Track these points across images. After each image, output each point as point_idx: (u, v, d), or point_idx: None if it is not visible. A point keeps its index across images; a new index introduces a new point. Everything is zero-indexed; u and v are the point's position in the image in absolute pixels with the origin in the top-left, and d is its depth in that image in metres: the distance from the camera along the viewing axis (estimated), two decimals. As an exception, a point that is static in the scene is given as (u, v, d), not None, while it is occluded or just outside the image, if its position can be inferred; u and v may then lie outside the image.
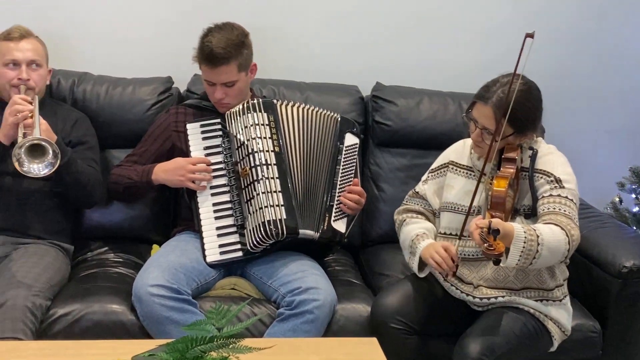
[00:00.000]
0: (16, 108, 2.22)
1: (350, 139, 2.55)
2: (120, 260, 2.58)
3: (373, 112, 2.93)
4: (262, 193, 2.32)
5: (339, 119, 2.55)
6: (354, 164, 2.54)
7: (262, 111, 2.40)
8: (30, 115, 2.23)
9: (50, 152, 2.14)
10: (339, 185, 2.46)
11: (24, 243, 2.37)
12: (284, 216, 2.30)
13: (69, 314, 2.19)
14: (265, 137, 2.38)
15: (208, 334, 1.44)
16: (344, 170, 2.49)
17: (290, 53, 3.03)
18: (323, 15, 3.02)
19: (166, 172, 2.44)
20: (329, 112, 2.53)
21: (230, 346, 1.45)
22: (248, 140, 2.37)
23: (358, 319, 2.33)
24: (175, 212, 2.69)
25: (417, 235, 2.28)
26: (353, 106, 2.90)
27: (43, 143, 2.13)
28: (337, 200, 2.44)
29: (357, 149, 2.57)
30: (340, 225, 2.45)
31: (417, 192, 2.43)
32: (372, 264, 2.76)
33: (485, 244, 1.87)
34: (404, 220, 2.38)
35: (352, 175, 2.52)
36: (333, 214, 2.43)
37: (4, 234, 2.37)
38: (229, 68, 2.38)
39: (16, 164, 2.11)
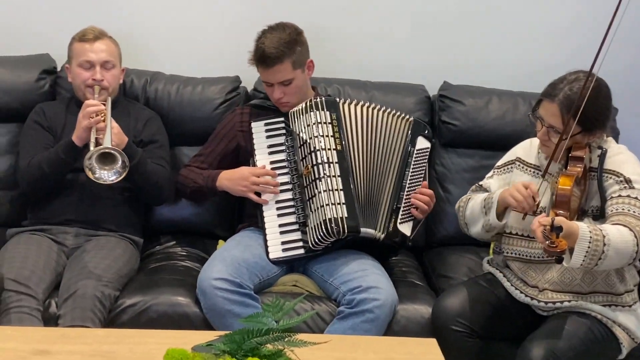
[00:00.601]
0: (89, 111, 2.31)
1: (422, 143, 2.52)
2: (187, 254, 2.64)
3: (440, 111, 2.90)
4: (324, 191, 2.32)
5: (412, 121, 2.52)
6: (424, 167, 2.53)
7: (325, 109, 2.41)
8: (102, 118, 2.30)
9: (120, 161, 2.22)
10: (407, 188, 2.44)
11: (96, 235, 2.46)
12: (345, 214, 2.30)
13: (136, 305, 2.26)
14: (327, 136, 2.38)
15: (264, 327, 1.46)
16: (413, 174, 2.47)
17: (356, 52, 3.03)
18: (391, 14, 3.01)
19: (230, 180, 2.48)
20: (401, 114, 2.51)
21: (286, 339, 1.47)
22: (310, 138, 2.38)
23: (419, 320, 2.31)
24: (240, 208, 2.73)
25: (490, 193, 2.24)
26: (419, 105, 2.88)
27: (113, 152, 2.20)
28: (404, 203, 2.42)
29: (428, 153, 2.54)
30: (406, 228, 2.44)
31: (481, 186, 2.40)
32: (436, 265, 2.73)
33: (547, 242, 1.83)
34: (469, 198, 2.33)
35: (421, 179, 2.50)
36: (400, 217, 2.41)
37: (78, 226, 2.47)
38: (283, 67, 2.41)
39: (88, 173, 2.20)
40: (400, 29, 3.02)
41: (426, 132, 2.55)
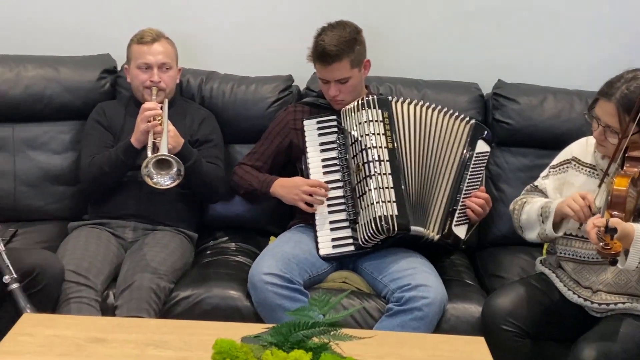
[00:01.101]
0: (146, 115, 2.38)
1: (482, 146, 2.50)
2: (240, 249, 2.69)
3: (493, 110, 2.87)
4: (374, 189, 2.33)
5: (473, 124, 2.50)
6: (482, 171, 2.51)
7: (377, 108, 2.42)
8: (159, 122, 2.37)
9: (175, 168, 2.27)
10: (465, 191, 2.43)
11: (153, 230, 2.54)
12: (396, 212, 2.31)
13: (190, 297, 2.32)
14: (378, 134, 2.39)
15: (311, 320, 1.48)
16: (471, 177, 2.45)
17: (409, 50, 3.03)
18: (444, 12, 3.00)
19: (283, 188, 2.51)
20: (460, 115, 2.50)
21: (331, 333, 1.49)
22: (362, 136, 2.39)
23: (469, 319, 2.30)
24: (292, 205, 2.77)
25: (546, 202, 2.20)
26: (472, 104, 2.86)
27: (169, 159, 2.27)
28: (461, 206, 2.41)
29: (487, 157, 2.53)
30: (461, 231, 2.43)
31: (537, 186, 2.36)
32: (488, 265, 2.71)
33: (601, 243, 1.80)
34: (525, 201, 2.30)
35: (479, 183, 2.48)
36: (455, 219, 2.41)
37: (136, 221, 2.54)
38: (341, 65, 2.43)
39: (147, 179, 2.27)
40: (454, 27, 3.01)
41: (486, 135, 2.52)
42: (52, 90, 2.77)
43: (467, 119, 2.51)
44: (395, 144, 2.40)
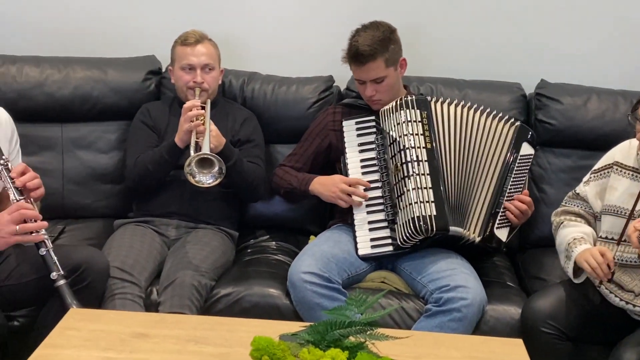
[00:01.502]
0: (189, 115, 2.42)
1: (526, 149, 2.48)
2: (280, 248, 2.72)
3: (536, 110, 2.84)
4: (413, 189, 2.34)
5: (518, 126, 2.48)
6: (526, 174, 2.49)
7: (415, 108, 2.42)
8: (202, 122, 2.41)
9: (217, 166, 2.32)
10: (508, 193, 2.41)
11: (195, 228, 2.59)
12: (434, 213, 2.31)
13: (230, 295, 2.36)
14: (417, 134, 2.39)
15: (347, 320, 1.50)
16: (514, 180, 2.44)
17: (450, 50, 3.02)
18: (487, 11, 2.98)
19: (322, 185, 2.53)
20: (506, 117, 2.49)
21: (368, 333, 1.50)
22: (400, 136, 2.40)
23: (509, 321, 2.29)
24: (332, 205, 2.78)
25: (574, 239, 2.19)
26: (514, 104, 2.84)
27: (211, 157, 2.31)
28: (503, 208, 2.40)
29: (531, 160, 2.51)
30: (502, 234, 2.42)
31: (578, 194, 2.34)
32: (529, 267, 2.69)
33: None
34: (562, 223, 2.30)
35: (522, 186, 2.47)
36: (497, 221, 2.40)
37: (179, 219, 2.60)
38: (376, 64, 2.44)
39: (189, 178, 2.31)
40: (497, 27, 2.98)
41: (532, 138, 2.50)
42: (99, 91, 2.84)
43: (512, 120, 2.49)
44: (434, 144, 2.39)
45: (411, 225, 2.31)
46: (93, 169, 2.83)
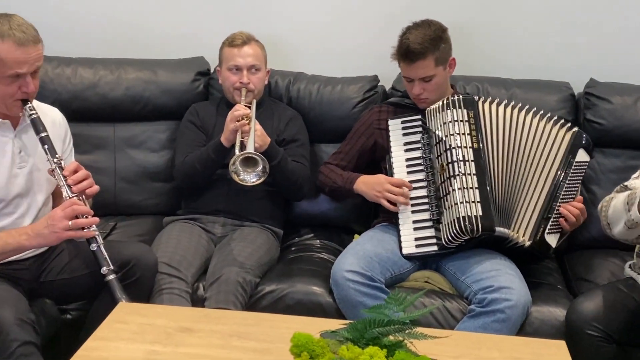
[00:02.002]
0: (235, 115, 2.47)
1: (582, 155, 2.45)
2: (324, 246, 2.75)
3: (585, 110, 2.80)
4: (459, 189, 2.33)
5: (576, 132, 2.45)
6: (580, 181, 2.46)
7: (462, 107, 2.41)
8: (247, 122, 2.46)
9: (261, 165, 2.36)
10: (560, 199, 2.39)
11: (241, 226, 2.64)
12: (480, 213, 2.29)
13: (274, 292, 2.39)
14: (463, 134, 2.38)
15: (386, 318, 1.51)
16: (568, 186, 2.41)
17: (498, 49, 3.00)
18: (535, 10, 2.94)
19: (366, 184, 2.55)
20: (562, 121, 2.46)
21: (407, 332, 1.51)
22: (446, 136, 2.39)
23: (554, 322, 2.27)
24: (376, 204, 2.79)
25: (633, 190, 2.12)
26: (562, 103, 2.80)
27: (255, 157, 2.35)
28: (555, 213, 2.38)
29: (586, 167, 2.47)
30: (552, 239, 2.40)
31: (626, 186, 2.28)
32: (576, 269, 2.65)
33: None
34: (612, 197, 2.22)
35: (576, 192, 2.44)
36: (548, 227, 2.38)
37: (225, 216, 2.65)
38: (425, 62, 2.43)
39: (234, 176, 2.36)
40: (546, 25, 2.95)
41: (588, 145, 2.46)
42: (150, 92, 2.91)
43: (568, 125, 2.46)
44: (481, 145, 2.38)
45: (456, 225, 2.30)
46: (144, 168, 2.91)
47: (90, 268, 2.15)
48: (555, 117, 2.47)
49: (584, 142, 2.45)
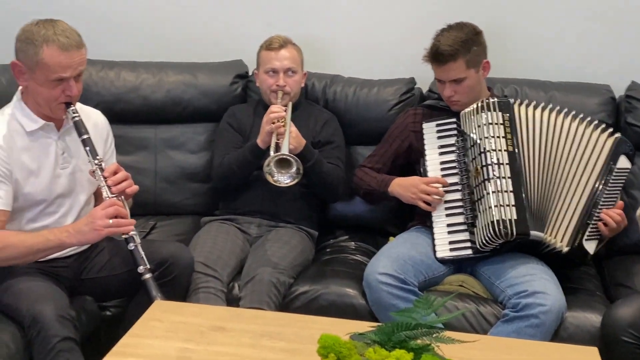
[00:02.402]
0: (271, 117, 2.51)
1: (623, 162, 2.42)
2: (358, 248, 2.76)
3: (626, 113, 2.76)
4: (493, 192, 2.32)
5: (618, 138, 2.43)
6: (620, 188, 2.44)
7: (497, 110, 2.40)
8: (282, 124, 2.49)
9: (295, 167, 2.39)
10: (600, 205, 2.37)
11: (276, 226, 2.68)
12: (515, 217, 2.28)
13: (308, 292, 2.42)
14: (498, 137, 2.37)
15: (414, 322, 1.53)
16: (608, 192, 2.38)
17: (537, 51, 2.97)
18: (575, 12, 2.91)
19: (401, 186, 2.56)
20: (603, 126, 2.44)
21: (434, 335, 1.52)
22: (481, 139, 2.38)
23: (590, 328, 2.25)
24: (412, 207, 2.79)
25: None
26: (602, 107, 2.76)
27: (289, 158, 2.39)
28: (595, 219, 2.36)
29: (627, 174, 2.44)
30: (590, 246, 2.38)
31: None
32: (615, 274, 2.61)
33: None
34: None
35: (616, 199, 2.41)
36: (587, 233, 2.36)
37: (261, 217, 2.70)
38: (456, 65, 2.43)
39: (268, 177, 2.40)
40: (586, 27, 2.91)
41: (631, 152, 2.43)
42: (190, 94, 2.97)
43: (610, 130, 2.44)
44: (516, 148, 2.37)
45: (490, 229, 2.29)
46: (183, 169, 2.97)
47: (128, 266, 2.20)
48: (596, 122, 2.45)
49: (626, 148, 2.42)
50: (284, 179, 2.41)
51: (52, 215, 2.24)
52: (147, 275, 2.10)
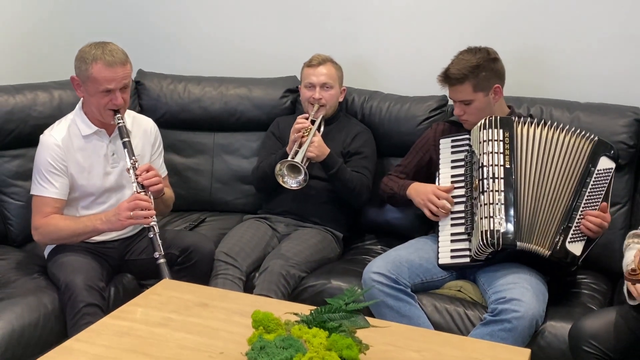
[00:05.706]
0: (296, 128, 2.82)
1: (605, 163, 2.50)
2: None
3: (648, 134, 2.78)
4: (486, 204, 2.46)
5: (596, 140, 2.52)
6: (604, 188, 2.50)
7: (498, 127, 2.53)
8: (305, 134, 2.79)
9: (302, 174, 2.68)
10: (582, 207, 2.45)
11: (302, 226, 2.98)
12: (502, 228, 2.42)
13: (315, 286, 2.70)
14: (497, 152, 2.50)
15: (335, 306, 1.78)
16: (590, 194, 2.47)
17: (567, 72, 3.05)
18: (604, 34, 2.97)
19: (415, 191, 2.76)
20: (583, 133, 2.53)
21: (351, 319, 1.76)
22: (481, 154, 2.54)
23: (566, 338, 2.32)
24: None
25: (632, 260, 2.18)
26: (625, 128, 2.80)
27: (298, 166, 2.68)
28: (577, 222, 2.44)
29: (610, 174, 2.51)
30: (576, 248, 2.45)
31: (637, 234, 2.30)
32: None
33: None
34: (628, 246, 2.28)
35: (599, 200, 2.47)
36: (570, 236, 2.44)
37: (289, 217, 3.01)
38: (462, 87, 2.60)
39: (279, 179, 2.72)
40: (615, 49, 2.96)
41: (611, 152, 2.51)
42: (244, 106, 3.34)
43: (591, 136, 2.51)
44: (513, 165, 2.49)
45: (481, 238, 2.45)
46: (235, 172, 3.34)
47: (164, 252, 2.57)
48: (579, 130, 2.52)
49: (606, 150, 2.48)
50: (291, 182, 2.71)
51: (102, 205, 2.67)
52: (162, 260, 2.46)
